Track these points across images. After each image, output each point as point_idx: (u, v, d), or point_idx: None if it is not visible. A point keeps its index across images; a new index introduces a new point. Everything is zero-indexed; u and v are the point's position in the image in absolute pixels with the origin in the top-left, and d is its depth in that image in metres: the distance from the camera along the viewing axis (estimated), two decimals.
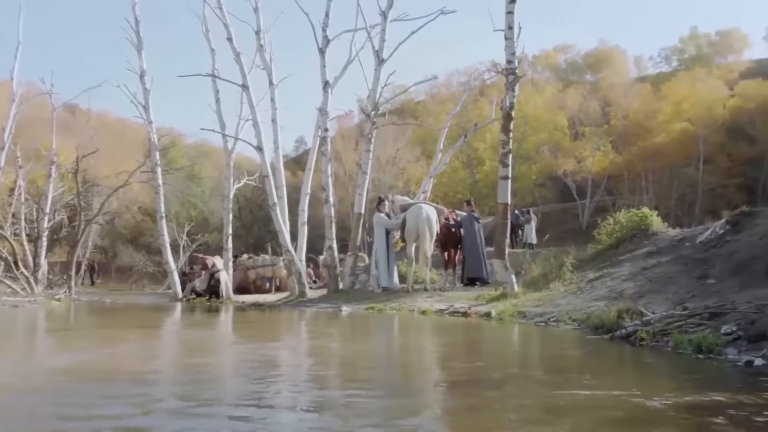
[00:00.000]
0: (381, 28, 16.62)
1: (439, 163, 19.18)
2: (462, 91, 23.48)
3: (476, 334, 7.73)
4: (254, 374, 4.39)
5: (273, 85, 17.98)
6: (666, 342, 5.33)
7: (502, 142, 11.66)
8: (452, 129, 26.32)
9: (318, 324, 10.15)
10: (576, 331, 6.94)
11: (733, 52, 69.82)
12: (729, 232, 9.42)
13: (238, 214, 43.25)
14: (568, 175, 45.96)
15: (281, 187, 17.67)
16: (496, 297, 10.86)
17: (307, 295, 15.59)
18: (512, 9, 11.32)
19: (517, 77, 11.45)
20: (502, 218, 11.66)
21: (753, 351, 4.52)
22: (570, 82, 59.85)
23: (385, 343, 7.13)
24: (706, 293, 6.97)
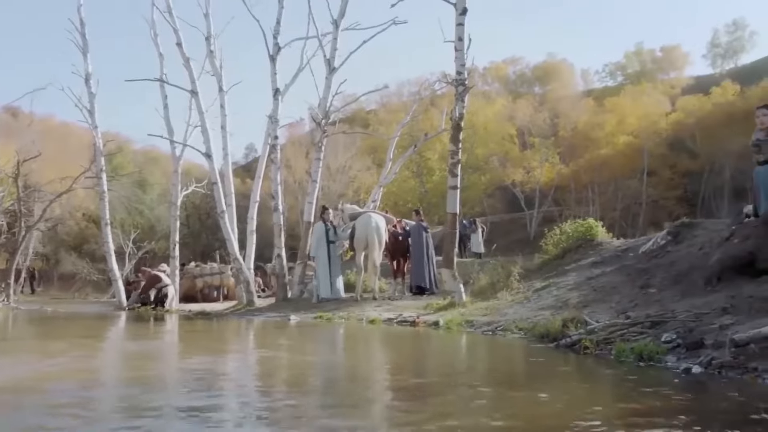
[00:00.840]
0: (332, 36, 16.60)
1: (389, 172, 19.23)
2: (412, 101, 23.60)
3: (424, 344, 7.75)
4: (200, 386, 4.31)
5: (223, 91, 17.79)
6: (609, 350, 5.42)
7: (451, 152, 11.75)
8: (403, 138, 26.44)
9: (265, 333, 10.05)
10: (522, 339, 7.02)
11: (675, 69, 71.86)
12: (670, 242, 9.66)
13: (186, 222, 42.58)
14: (516, 186, 46.59)
15: (230, 195, 17.47)
16: (444, 306, 10.91)
17: (256, 304, 15.42)
18: (462, 21, 11.43)
19: (467, 88, 11.56)
20: (451, 228, 11.73)
21: (691, 358, 4.64)
22: (519, 94, 60.77)
23: (332, 354, 7.09)
24: (648, 302, 7.11)
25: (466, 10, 11.39)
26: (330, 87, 16.36)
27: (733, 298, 5.73)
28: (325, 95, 16.41)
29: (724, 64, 74.67)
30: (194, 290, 19.81)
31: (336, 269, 14.69)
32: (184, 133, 19.57)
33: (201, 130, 17.04)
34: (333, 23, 16.48)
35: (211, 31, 17.54)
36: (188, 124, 19.53)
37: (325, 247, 14.44)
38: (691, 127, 44.98)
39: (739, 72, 63.24)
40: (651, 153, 44.67)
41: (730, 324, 5.02)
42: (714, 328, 5.04)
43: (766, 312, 5.01)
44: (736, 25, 74.33)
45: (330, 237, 14.51)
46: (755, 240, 6.71)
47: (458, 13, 11.43)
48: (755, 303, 5.30)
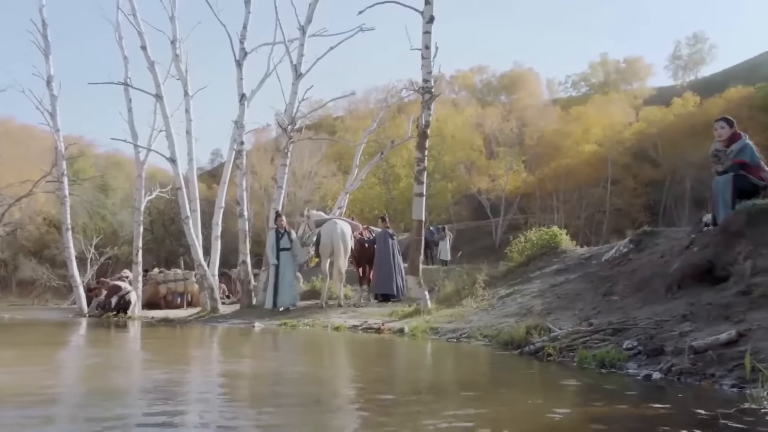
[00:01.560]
0: (299, 42, 16.57)
1: (355, 179, 19.22)
2: (379, 108, 23.62)
3: (388, 351, 7.74)
4: (162, 394, 4.24)
5: (188, 95, 17.66)
6: (572, 357, 5.46)
7: (417, 160, 11.79)
8: (369, 145, 26.47)
9: (229, 341, 9.95)
10: (487, 347, 7.04)
11: (638, 80, 73.18)
12: (632, 250, 9.78)
13: (150, 227, 42.12)
14: (482, 193, 46.93)
15: (195, 200, 17.31)
16: (409, 313, 10.92)
17: (220, 311, 15.29)
18: (429, 29, 11.49)
19: (433, 96, 11.61)
20: (417, 235, 11.75)
21: (652, 365, 4.69)
22: (486, 103, 61.27)
23: (296, 361, 7.04)
24: (611, 309, 7.19)
25: (432, 19, 11.46)
26: (296, 93, 16.34)
27: (692, 306, 5.82)
28: (291, 101, 16.36)
29: (685, 75, 76.29)
30: (157, 297, 19.56)
31: (285, 279, 14.07)
32: (149, 138, 19.40)
33: (166, 134, 16.91)
34: (300, 29, 16.46)
35: (176, 35, 17.43)
36: (153, 129, 19.38)
37: (275, 255, 14.07)
38: (654, 138, 45.81)
39: (700, 84, 64.62)
40: (615, 162, 45.37)
41: (689, 331, 5.10)
42: (674, 335, 5.11)
43: (723, 319, 5.10)
44: (696, 38, 76.05)
45: (282, 244, 14.15)
46: (714, 248, 6.83)
47: (425, 21, 11.49)
48: (713, 310, 5.39)
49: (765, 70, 57.19)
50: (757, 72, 57.56)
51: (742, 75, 59.02)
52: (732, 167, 7.59)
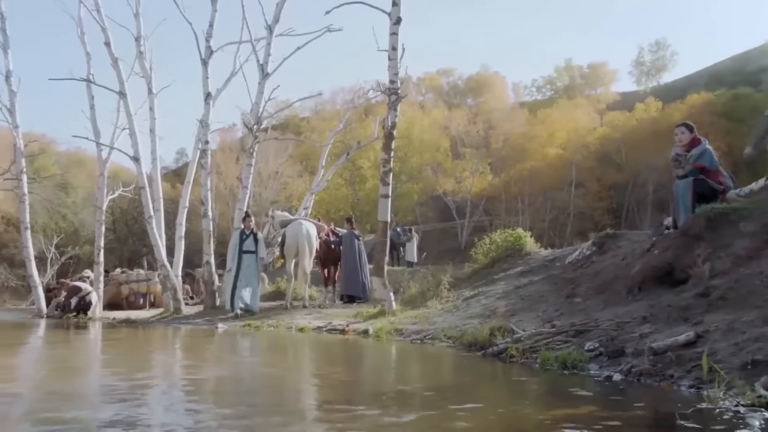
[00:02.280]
0: (266, 42, 16.46)
1: (321, 179, 19.16)
2: (346, 109, 23.60)
3: (352, 352, 7.71)
4: (122, 396, 4.16)
5: (152, 93, 17.42)
6: (535, 358, 5.49)
7: (383, 161, 11.78)
8: (336, 146, 26.43)
9: (191, 342, 9.83)
10: (451, 348, 7.05)
11: (602, 85, 74.22)
12: (595, 253, 9.90)
13: (113, 227, 41.52)
14: (448, 195, 47.13)
15: (158, 200, 17.09)
16: (374, 314, 10.91)
17: (183, 312, 15.12)
18: (396, 30, 11.49)
19: (399, 97, 11.62)
20: (382, 236, 11.75)
21: (612, 366, 4.74)
22: (452, 105, 61.59)
23: (260, 362, 6.98)
24: (573, 311, 7.25)
25: (400, 20, 11.46)
26: (263, 92, 16.21)
27: (652, 307, 5.90)
28: (257, 101, 16.24)
29: (648, 81, 77.55)
30: (119, 297, 19.31)
31: (245, 282, 13.48)
32: (112, 136, 19.08)
33: (129, 132, 16.65)
34: (267, 28, 16.34)
35: (141, 32, 17.17)
36: (116, 127, 19.05)
37: (237, 257, 13.55)
38: (617, 142, 46.46)
39: (662, 89, 65.77)
40: (579, 166, 45.93)
41: (649, 332, 5.16)
42: (634, 336, 5.17)
43: (683, 320, 5.17)
44: (658, 45, 77.38)
45: (246, 246, 13.62)
46: (674, 251, 6.94)
47: (392, 22, 11.49)
48: (673, 312, 5.47)
49: (726, 77, 58.41)
50: (718, 79, 58.77)
51: (704, 82, 60.22)
52: (692, 171, 7.74)
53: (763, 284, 5.13)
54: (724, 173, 7.92)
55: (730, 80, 55.23)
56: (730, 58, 71.82)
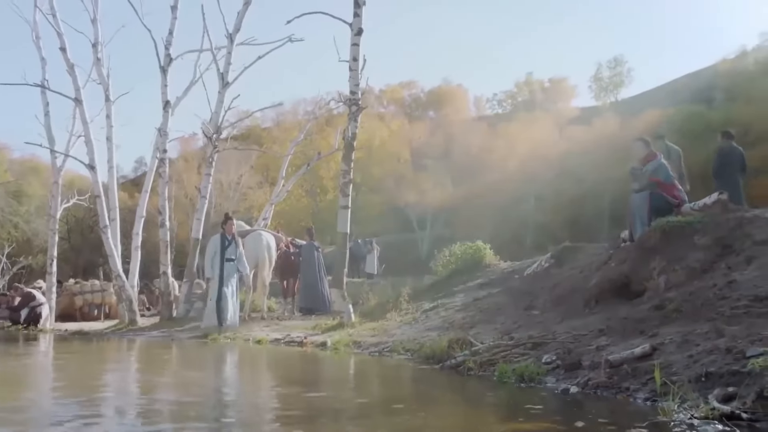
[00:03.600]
0: (227, 50, 16.30)
1: (282, 190, 19.02)
2: (307, 120, 23.51)
3: (308, 365, 7.62)
4: (72, 411, 4.01)
5: (110, 101, 17.10)
6: (492, 371, 5.47)
7: (343, 172, 11.73)
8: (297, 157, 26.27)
9: (144, 355, 9.63)
10: (409, 361, 7.00)
11: (562, 99, 75.18)
12: (553, 265, 9.97)
13: (67, 236, 40.71)
14: (409, 207, 47.21)
15: (114, 209, 16.74)
16: (332, 327, 10.80)
17: (138, 323, 14.81)
18: (357, 41, 11.48)
19: (360, 108, 11.59)
20: (341, 247, 11.68)
21: (569, 379, 4.74)
22: (414, 117, 61.87)
23: (214, 375, 6.84)
24: (531, 323, 7.27)
25: (361, 31, 11.45)
26: (222, 101, 16.04)
27: (609, 320, 5.93)
28: (217, 110, 16.06)
29: (607, 97, 78.75)
30: (73, 308, 18.86)
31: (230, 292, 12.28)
32: (67, 143, 18.64)
33: (85, 140, 16.30)
34: (228, 37, 16.18)
35: (98, 38, 16.86)
36: (71, 134, 18.63)
37: (219, 265, 12.25)
38: (576, 156, 47.06)
39: (620, 105, 66.90)
40: (539, 179, 46.43)
41: (606, 345, 5.18)
42: (591, 349, 5.18)
43: (638, 333, 5.21)
44: (616, 61, 78.55)
45: (228, 254, 12.33)
46: (630, 264, 7.01)
47: (353, 33, 11.48)
48: (629, 324, 5.51)
49: (682, 95, 59.65)
50: (674, 96, 60.02)
51: (660, 98, 61.40)
52: (648, 185, 7.84)
53: (716, 296, 5.20)
54: (679, 187, 8.06)
55: (686, 97, 56.41)
56: (686, 75, 73.49)
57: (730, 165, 11.58)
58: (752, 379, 3.42)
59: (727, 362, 3.80)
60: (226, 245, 12.38)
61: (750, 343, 3.94)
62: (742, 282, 5.28)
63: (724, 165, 11.59)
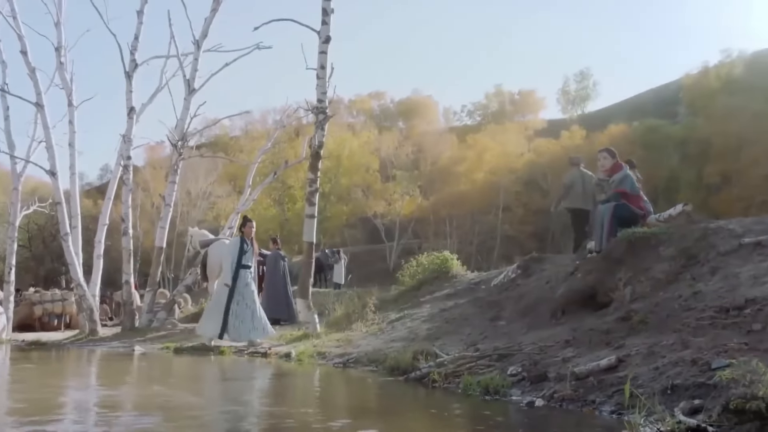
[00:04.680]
0: (194, 57, 16.11)
1: (248, 198, 18.81)
2: (275, 128, 23.33)
3: (269, 377, 7.47)
4: (23, 428, 3.83)
5: (73, 106, 16.77)
6: (457, 383, 5.38)
7: (309, 180, 11.60)
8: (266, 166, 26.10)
9: (105, 365, 9.39)
10: (373, 372, 6.89)
11: (531, 112, 75.97)
12: (520, 276, 9.93)
13: (28, 244, 39.90)
14: (377, 217, 47.22)
15: (76, 216, 16.37)
16: (298, 337, 10.65)
17: (99, 334, 14.46)
18: (325, 49, 11.40)
19: (327, 116, 11.49)
20: (307, 257, 11.54)
21: (535, 392, 4.67)
22: (383, 128, 62.00)
23: (173, 387, 6.65)
24: (497, 334, 7.21)
25: (329, 39, 11.38)
26: (188, 108, 15.83)
27: (575, 331, 5.89)
28: (182, 116, 15.83)
29: (574, 110, 79.80)
30: (32, 318, 18.39)
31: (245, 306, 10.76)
32: (28, 149, 18.18)
33: (46, 146, 15.94)
34: (194, 43, 15.99)
35: (62, 42, 16.53)
36: (32, 139, 18.18)
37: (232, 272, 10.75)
38: (543, 168, 47.56)
39: (586, 118, 67.83)
40: (506, 190, 46.78)
41: (572, 356, 5.13)
42: (557, 360, 5.12)
43: (604, 344, 5.16)
44: (582, 75, 79.77)
45: (245, 260, 10.92)
46: (596, 275, 6.99)
47: (321, 41, 11.40)
48: (595, 336, 5.46)
49: (645, 108, 60.70)
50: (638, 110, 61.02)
51: (625, 112, 62.43)
52: (613, 196, 7.86)
53: (682, 308, 5.18)
54: (645, 198, 8.10)
55: (650, 112, 57.39)
56: (650, 90, 74.83)
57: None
58: (718, 391, 3.38)
59: (692, 374, 3.76)
60: (245, 250, 10.98)
61: (715, 354, 3.91)
62: (707, 293, 5.28)
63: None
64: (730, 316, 4.60)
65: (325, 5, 11.42)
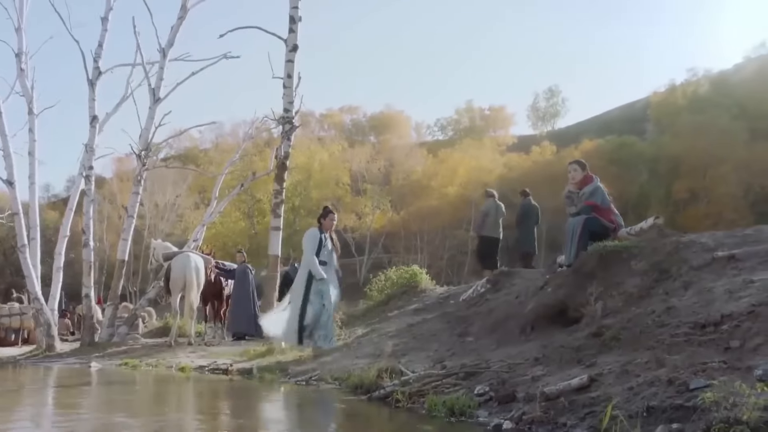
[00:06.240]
0: (159, 66, 15.78)
1: (214, 211, 18.44)
2: (243, 140, 23.02)
3: (224, 396, 7.12)
4: None
5: (33, 114, 16.33)
6: (422, 403, 5.11)
7: (275, 192, 11.33)
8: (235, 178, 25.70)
9: (59, 383, 8.99)
10: (336, 390, 6.61)
11: (501, 127, 76.47)
12: (489, 291, 9.73)
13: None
14: (348, 231, 46.91)
15: (35, 228, 15.89)
16: (262, 353, 10.32)
17: (57, 349, 13.97)
18: (292, 58, 11.19)
19: (294, 126, 11.25)
20: (272, 271, 11.24)
21: (503, 413, 4.42)
22: (354, 142, 61.99)
23: (122, 409, 6.30)
24: (465, 351, 6.98)
25: (296, 47, 11.16)
26: (153, 118, 15.48)
27: (545, 348, 5.67)
28: (147, 126, 15.48)
29: (544, 126, 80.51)
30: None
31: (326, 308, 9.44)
32: None
33: (3, 154, 15.47)
34: (160, 51, 15.67)
35: (23, 48, 16.11)
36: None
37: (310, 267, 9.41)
38: (514, 183, 47.67)
39: (556, 134, 68.50)
40: (477, 204, 46.75)
41: (541, 375, 4.89)
42: (526, 379, 4.88)
43: (576, 362, 4.94)
44: (551, 92, 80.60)
45: (322, 256, 9.52)
46: (567, 289, 6.80)
47: (288, 49, 11.19)
48: (566, 353, 5.25)
49: (613, 125, 61.38)
50: (607, 127, 61.71)
51: (594, 128, 63.09)
52: (584, 209, 7.69)
53: (655, 324, 4.98)
54: (615, 211, 7.94)
55: (619, 128, 58.03)
56: (618, 108, 75.80)
57: (528, 217, 14.26)
58: (698, 414, 3.16)
59: (669, 395, 3.53)
60: (322, 245, 9.65)
61: (693, 374, 3.69)
62: (681, 308, 5.08)
63: (523, 216, 14.30)
64: (707, 332, 4.41)
65: (293, 13, 11.23)
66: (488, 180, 48.36)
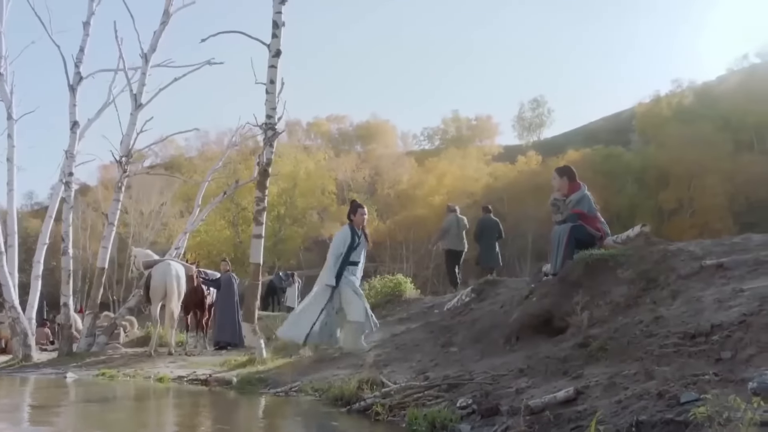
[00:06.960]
0: (141, 71, 15.55)
1: (197, 218, 18.19)
2: (227, 147, 22.81)
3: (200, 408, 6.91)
4: None
5: (12, 119, 16.03)
6: (403, 416, 4.93)
7: (257, 199, 11.09)
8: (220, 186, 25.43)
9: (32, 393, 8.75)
10: (316, 402, 6.42)
11: (487, 137, 76.62)
12: (474, 300, 9.58)
13: None
14: None
15: (12, 235, 15.58)
16: (242, 363, 10.11)
17: (34, 359, 13.67)
18: (275, 63, 11.00)
19: (276, 133, 11.05)
20: (254, 279, 11.00)
21: (486, 427, 4.24)
22: (340, 151, 61.91)
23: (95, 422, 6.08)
24: (449, 361, 6.81)
25: (279, 53, 10.98)
26: (135, 124, 15.24)
27: (530, 359, 5.52)
28: (128, 132, 15.23)
29: (529, 136, 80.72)
30: None
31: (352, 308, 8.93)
32: None
33: None
34: (143, 57, 15.45)
35: (2, 52, 15.82)
36: None
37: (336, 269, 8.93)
38: (500, 192, 47.79)
39: (542, 144, 68.74)
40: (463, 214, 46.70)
41: (526, 387, 4.73)
42: (510, 391, 4.71)
43: (561, 374, 4.79)
44: (537, 102, 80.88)
45: (353, 257, 9.08)
46: (552, 298, 6.66)
47: (271, 54, 11.00)
48: (551, 364, 5.09)
49: (599, 136, 61.63)
50: (592, 137, 61.97)
51: (580, 139, 63.35)
52: (570, 217, 7.56)
53: (643, 334, 4.84)
54: (602, 220, 7.82)
55: (604, 138, 58.29)
56: (603, 118, 76.20)
57: (488, 231, 14.64)
58: (690, 430, 3.00)
59: (659, 409, 3.38)
60: (355, 244, 9.10)
61: (683, 386, 3.54)
62: (669, 318, 4.94)
63: (483, 231, 14.65)
64: (696, 343, 4.26)
65: (276, 18, 11.05)
66: (474, 189, 48.37)
